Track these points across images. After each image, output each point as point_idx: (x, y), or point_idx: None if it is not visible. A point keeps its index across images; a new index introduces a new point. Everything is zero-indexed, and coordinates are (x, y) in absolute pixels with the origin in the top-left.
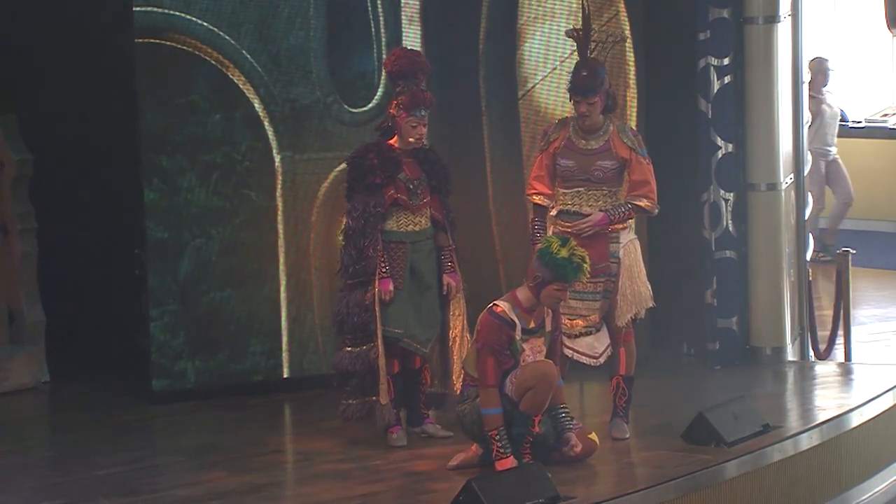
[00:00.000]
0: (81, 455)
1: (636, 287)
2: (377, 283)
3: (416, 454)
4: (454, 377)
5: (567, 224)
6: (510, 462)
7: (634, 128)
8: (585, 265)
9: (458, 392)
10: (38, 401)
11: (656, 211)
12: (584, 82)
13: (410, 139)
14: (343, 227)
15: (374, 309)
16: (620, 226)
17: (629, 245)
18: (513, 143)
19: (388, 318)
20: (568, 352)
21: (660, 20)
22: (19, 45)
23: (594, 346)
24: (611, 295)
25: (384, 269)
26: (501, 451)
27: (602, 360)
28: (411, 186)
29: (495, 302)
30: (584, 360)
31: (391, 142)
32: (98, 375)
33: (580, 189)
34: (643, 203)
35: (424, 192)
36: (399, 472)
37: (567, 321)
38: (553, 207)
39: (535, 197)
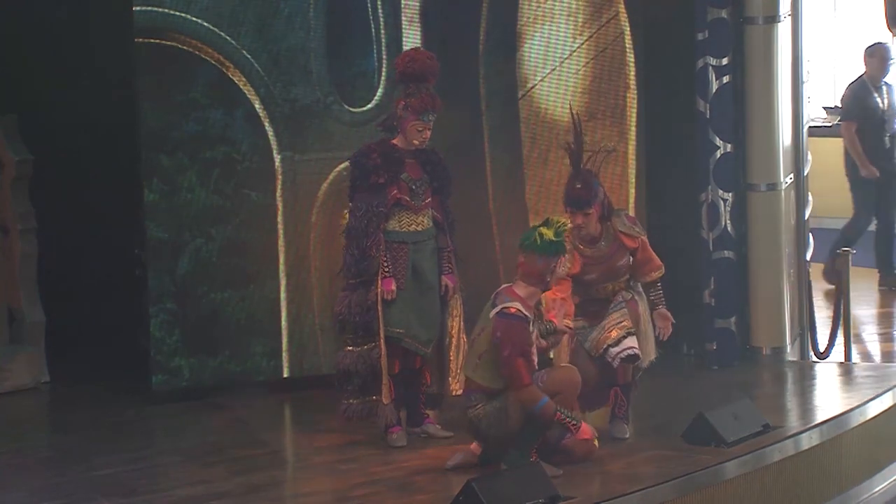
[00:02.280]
0: (81, 455)
1: (645, 340)
2: (380, 282)
3: (416, 454)
4: (450, 378)
5: (594, 306)
6: (587, 429)
7: (633, 128)
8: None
9: (455, 393)
10: (38, 401)
11: (663, 269)
12: (579, 195)
13: (415, 141)
14: (345, 226)
15: (376, 308)
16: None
17: (639, 304)
18: (513, 143)
19: (389, 318)
20: (624, 352)
21: (659, 20)
22: (19, 45)
23: (634, 342)
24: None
25: (387, 269)
26: (574, 423)
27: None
28: (414, 187)
29: (504, 305)
30: (633, 351)
31: (394, 141)
32: (98, 375)
33: (606, 284)
34: (656, 276)
35: (426, 192)
36: (399, 472)
37: (616, 332)
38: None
39: (569, 326)
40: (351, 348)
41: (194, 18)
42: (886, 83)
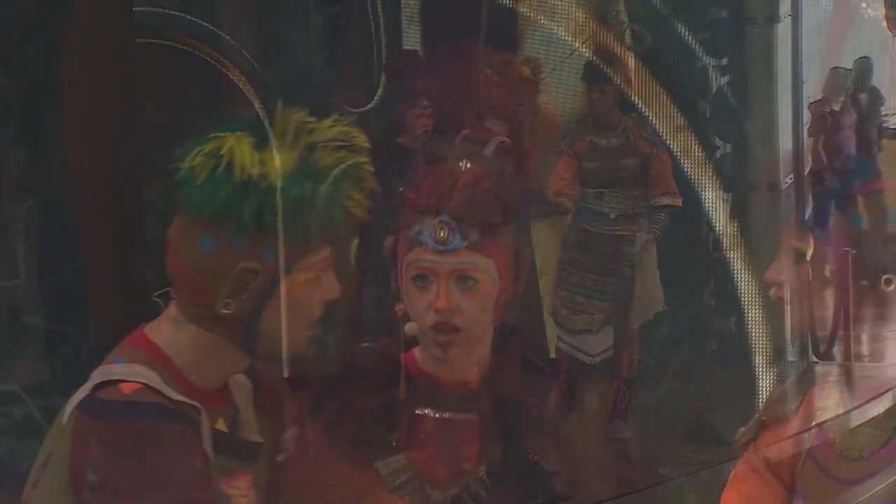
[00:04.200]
0: None
1: (648, 290)
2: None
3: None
4: None
5: (588, 224)
6: None
7: None
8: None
9: None
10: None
11: (680, 202)
12: (597, 68)
13: (417, 131)
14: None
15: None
16: (637, 227)
17: (645, 248)
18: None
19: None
20: (564, 346)
21: (659, 20)
22: (19, 44)
23: (592, 346)
24: (623, 297)
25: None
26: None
27: (597, 360)
28: None
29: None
30: (580, 356)
31: (399, 140)
32: None
33: (603, 190)
34: (666, 201)
35: None
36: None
37: (569, 314)
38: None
39: (567, 200)
40: (367, 344)
41: (194, 18)
42: None
